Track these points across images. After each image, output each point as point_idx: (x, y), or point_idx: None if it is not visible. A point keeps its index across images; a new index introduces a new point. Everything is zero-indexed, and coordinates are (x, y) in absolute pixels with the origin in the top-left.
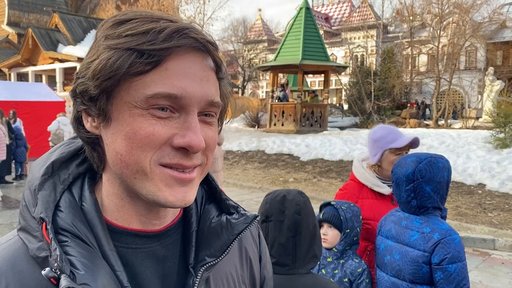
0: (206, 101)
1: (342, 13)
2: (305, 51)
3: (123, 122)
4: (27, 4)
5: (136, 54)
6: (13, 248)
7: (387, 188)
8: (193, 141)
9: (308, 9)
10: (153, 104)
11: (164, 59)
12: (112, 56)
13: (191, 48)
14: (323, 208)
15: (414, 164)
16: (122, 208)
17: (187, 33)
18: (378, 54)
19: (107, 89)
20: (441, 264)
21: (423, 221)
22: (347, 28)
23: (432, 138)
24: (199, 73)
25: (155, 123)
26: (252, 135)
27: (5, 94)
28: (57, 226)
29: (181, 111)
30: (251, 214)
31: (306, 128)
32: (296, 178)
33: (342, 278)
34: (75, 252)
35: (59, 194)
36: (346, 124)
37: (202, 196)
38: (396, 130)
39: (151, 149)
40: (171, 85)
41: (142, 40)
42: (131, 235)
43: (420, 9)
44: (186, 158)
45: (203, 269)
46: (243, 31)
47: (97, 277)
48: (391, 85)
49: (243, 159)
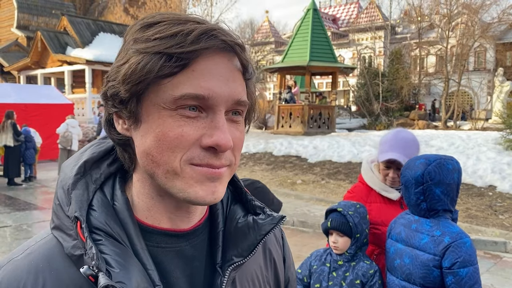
0: (233, 100)
1: (349, 14)
2: (313, 53)
3: (153, 124)
4: (36, 7)
5: (165, 58)
6: (48, 247)
7: (396, 193)
8: (221, 140)
9: (316, 11)
10: (181, 105)
11: (193, 61)
12: (142, 60)
13: (218, 49)
14: (328, 214)
15: (423, 166)
16: (152, 207)
17: (215, 35)
18: (386, 55)
19: (137, 92)
20: (452, 268)
21: (433, 224)
22: (354, 29)
23: (441, 140)
24: (226, 74)
25: (184, 124)
26: (260, 137)
27: (15, 97)
28: (91, 225)
29: (209, 111)
30: (277, 215)
31: (314, 130)
32: (304, 180)
33: (353, 281)
34: (109, 250)
35: (91, 193)
36: (354, 126)
37: (227, 196)
38: (396, 141)
39: (181, 150)
40: (198, 86)
41: (171, 43)
42: (161, 234)
43: (428, 9)
44: (216, 158)
45: (230, 268)
46: (250, 33)
47: (131, 276)
48: (399, 86)
49: (251, 160)
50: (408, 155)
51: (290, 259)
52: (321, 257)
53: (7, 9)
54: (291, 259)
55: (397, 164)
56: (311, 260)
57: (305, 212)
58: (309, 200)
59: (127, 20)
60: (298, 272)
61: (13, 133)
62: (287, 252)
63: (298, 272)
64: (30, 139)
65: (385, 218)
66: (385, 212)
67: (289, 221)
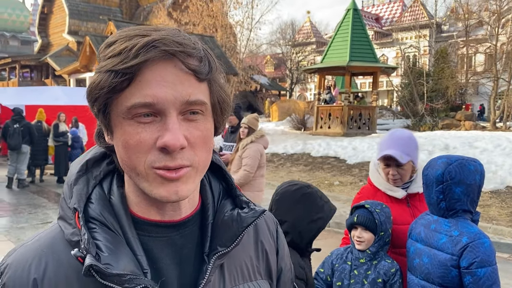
0: (181, 102)
1: (393, 13)
2: (353, 53)
3: (119, 133)
4: (86, 13)
5: (113, 74)
6: (53, 234)
7: (401, 192)
8: (169, 140)
9: (356, 10)
10: (135, 113)
11: (137, 73)
12: (97, 80)
13: (160, 58)
14: (355, 210)
15: (444, 165)
16: (140, 202)
17: (155, 45)
18: (431, 54)
19: (102, 108)
20: (470, 268)
21: (452, 224)
22: (398, 28)
23: (486, 141)
24: (171, 79)
25: (141, 131)
26: (298, 138)
27: (64, 99)
28: (88, 215)
29: (161, 115)
30: (260, 209)
31: (354, 131)
32: (342, 181)
33: (375, 279)
34: (101, 237)
35: (91, 188)
36: (397, 127)
37: (219, 192)
38: (392, 140)
39: (142, 154)
40: (145, 95)
41: (117, 61)
42: (151, 225)
43: (476, 6)
44: (170, 159)
45: (215, 257)
46: (291, 33)
47: (119, 259)
48: (444, 86)
49: (288, 161)
50: (405, 151)
51: (283, 251)
52: (342, 255)
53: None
54: (284, 251)
55: (395, 161)
56: (332, 258)
57: (341, 213)
58: (346, 202)
59: (171, 24)
60: (321, 272)
61: (52, 133)
62: (281, 244)
63: (320, 271)
64: (77, 140)
65: (393, 217)
66: (392, 211)
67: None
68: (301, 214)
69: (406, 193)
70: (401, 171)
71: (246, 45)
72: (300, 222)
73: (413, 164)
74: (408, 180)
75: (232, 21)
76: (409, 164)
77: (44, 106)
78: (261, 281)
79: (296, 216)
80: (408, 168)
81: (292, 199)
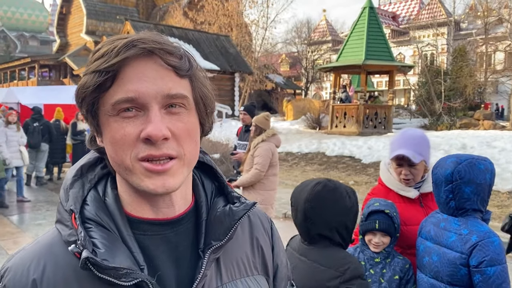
0: (162, 95)
1: (410, 11)
2: (369, 51)
3: (106, 131)
4: (103, 13)
5: (97, 75)
6: (51, 237)
7: (414, 191)
8: (152, 131)
9: (372, 9)
10: (119, 109)
11: (119, 71)
12: (83, 80)
13: (140, 56)
14: (372, 215)
15: (453, 164)
16: (133, 202)
17: (134, 44)
18: (449, 52)
19: (90, 109)
20: (479, 267)
21: (461, 223)
22: (415, 26)
23: (505, 141)
24: (151, 74)
25: (126, 125)
26: (313, 137)
27: None
28: (84, 216)
29: (144, 109)
30: (250, 202)
31: (369, 130)
32: (357, 181)
33: (392, 277)
34: (97, 235)
35: (86, 191)
36: (414, 126)
37: (212, 190)
38: (404, 139)
39: (128, 148)
40: (127, 90)
41: (101, 62)
42: (146, 223)
43: (496, 3)
44: (155, 148)
45: (209, 251)
46: (307, 32)
47: (115, 255)
48: (463, 85)
49: (303, 160)
50: (417, 151)
51: (278, 247)
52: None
53: (77, 16)
54: (280, 247)
55: (408, 161)
56: None
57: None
58: (360, 201)
59: (186, 24)
60: None
61: (70, 132)
62: (276, 241)
63: None
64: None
65: (406, 218)
66: (405, 211)
67: None
68: (339, 208)
69: (419, 192)
70: (413, 171)
71: (261, 44)
72: (342, 214)
73: (426, 163)
74: (420, 179)
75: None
76: (422, 163)
77: (62, 105)
78: (258, 276)
79: (337, 214)
80: (420, 167)
81: (327, 199)
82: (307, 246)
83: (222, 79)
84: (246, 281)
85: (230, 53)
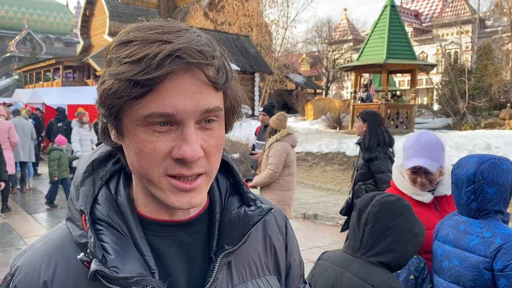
0: (200, 111)
1: (433, 9)
2: (390, 50)
3: (132, 139)
4: (125, 15)
5: (133, 84)
6: (62, 235)
7: (428, 196)
8: (187, 153)
9: (393, 7)
10: (151, 122)
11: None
12: (113, 86)
13: (182, 69)
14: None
15: (476, 165)
16: (148, 203)
17: (179, 56)
18: (473, 50)
19: (112, 112)
20: (504, 271)
21: (483, 225)
22: (438, 24)
23: None
24: (190, 89)
25: (156, 139)
26: (333, 137)
27: None
28: (94, 217)
29: (178, 124)
30: (266, 207)
31: (391, 130)
32: None
33: (407, 277)
34: (108, 239)
35: (97, 189)
36: (437, 126)
37: (226, 188)
38: (419, 146)
39: (156, 163)
40: (163, 105)
41: (138, 70)
42: (159, 225)
43: None
44: (186, 168)
45: (222, 255)
46: (328, 31)
47: (126, 261)
48: (488, 83)
49: (323, 160)
50: (433, 158)
51: (292, 247)
52: None
53: (100, 17)
54: (293, 246)
55: (424, 169)
56: None
57: None
58: None
59: (207, 24)
60: None
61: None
62: (289, 240)
63: None
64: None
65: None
66: (419, 216)
67: None
68: (405, 226)
69: (433, 196)
70: (430, 177)
71: (281, 43)
72: (405, 234)
73: (441, 168)
74: (435, 184)
75: (267, 20)
76: (438, 169)
77: (84, 105)
78: (270, 276)
79: (401, 229)
80: (436, 173)
81: (394, 210)
82: (352, 257)
83: (242, 79)
84: (257, 283)
85: (250, 53)
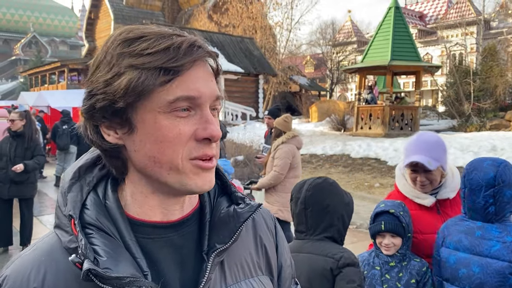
0: (214, 96)
1: (438, 10)
2: (394, 52)
3: (150, 129)
4: (130, 18)
5: (163, 72)
6: (51, 242)
7: (430, 199)
8: (214, 131)
9: (398, 8)
10: (174, 108)
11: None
12: (141, 75)
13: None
14: (378, 216)
15: (494, 168)
16: (144, 204)
17: (200, 46)
18: (478, 52)
19: (134, 102)
20: None
21: (501, 229)
22: (443, 25)
23: None
24: (206, 76)
25: (178, 124)
26: (337, 139)
27: None
28: (84, 221)
29: (197, 109)
30: (255, 204)
31: (396, 132)
32: (382, 184)
33: (409, 280)
34: (99, 242)
35: (85, 194)
36: (442, 127)
37: (215, 190)
38: (418, 144)
39: (181, 147)
40: (188, 89)
41: (167, 58)
42: (150, 226)
43: None
44: (209, 147)
45: (214, 254)
46: (332, 33)
47: (118, 263)
48: (493, 85)
49: (327, 163)
50: (433, 157)
51: (282, 247)
52: (368, 260)
53: (105, 20)
54: (284, 246)
55: (423, 167)
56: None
57: None
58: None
59: (211, 27)
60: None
61: None
62: (280, 240)
63: None
64: None
65: (422, 227)
66: (421, 219)
67: (363, 224)
68: (337, 200)
69: (436, 199)
70: (430, 177)
71: (285, 45)
72: (339, 207)
73: (442, 169)
74: (437, 185)
75: (271, 22)
76: (438, 169)
77: None
78: (262, 276)
79: (335, 204)
80: (437, 173)
81: (325, 189)
82: (302, 240)
83: (246, 81)
84: (250, 282)
85: (254, 55)
